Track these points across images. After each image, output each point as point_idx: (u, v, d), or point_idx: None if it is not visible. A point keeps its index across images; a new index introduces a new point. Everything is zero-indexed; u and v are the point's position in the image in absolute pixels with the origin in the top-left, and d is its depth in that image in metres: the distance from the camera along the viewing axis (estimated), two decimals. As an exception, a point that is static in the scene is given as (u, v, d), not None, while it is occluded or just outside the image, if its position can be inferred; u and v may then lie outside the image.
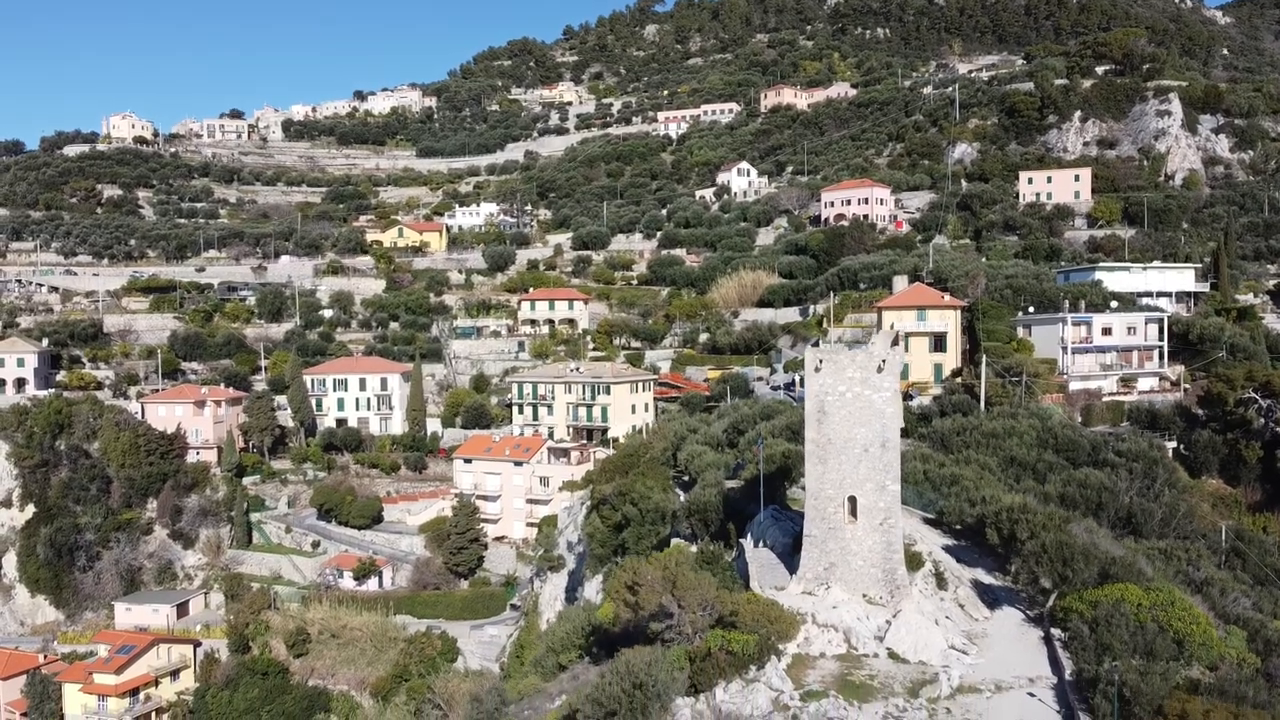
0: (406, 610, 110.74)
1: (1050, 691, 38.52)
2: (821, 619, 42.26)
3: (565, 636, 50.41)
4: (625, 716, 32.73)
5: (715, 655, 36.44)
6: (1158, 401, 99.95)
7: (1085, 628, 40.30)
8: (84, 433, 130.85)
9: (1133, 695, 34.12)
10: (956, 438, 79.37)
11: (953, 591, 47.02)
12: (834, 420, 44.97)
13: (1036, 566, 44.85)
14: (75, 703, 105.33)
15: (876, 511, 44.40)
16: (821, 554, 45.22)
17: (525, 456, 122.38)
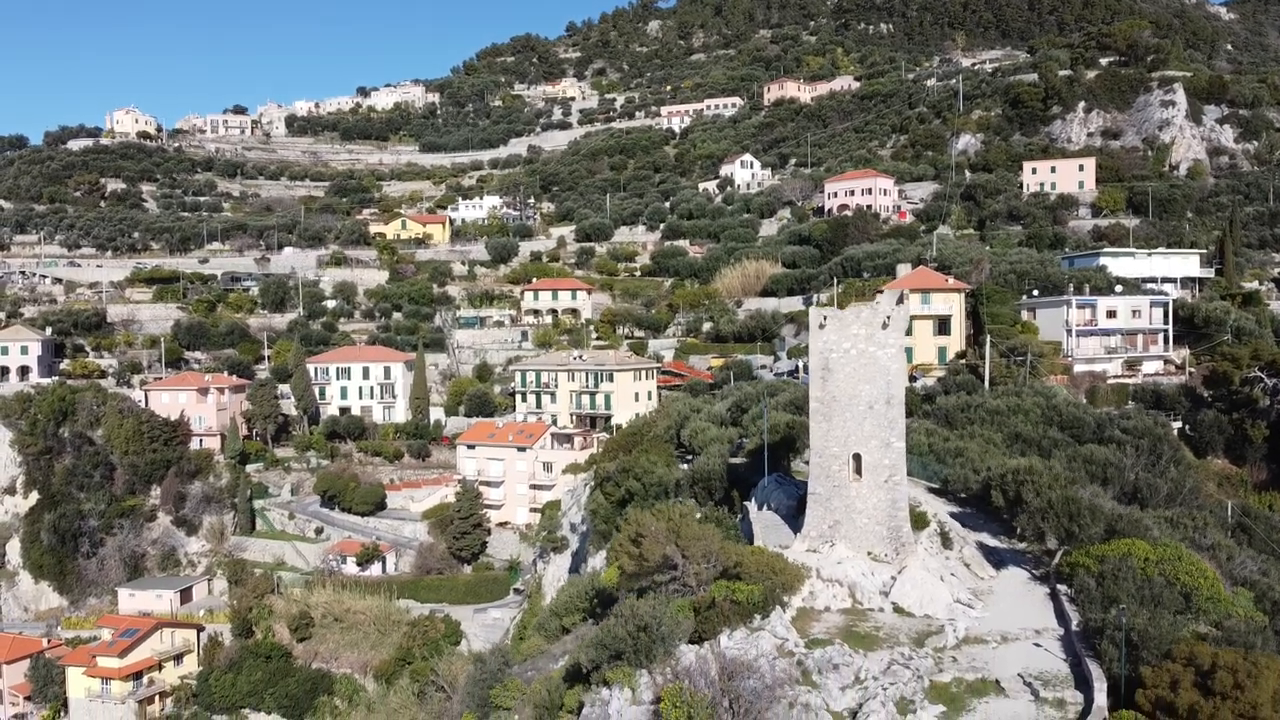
0: (409, 595, 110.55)
1: (1057, 642, 38.30)
2: (826, 574, 42.06)
3: (569, 600, 50.20)
4: (630, 659, 32.48)
5: (720, 605, 36.22)
6: (1163, 383, 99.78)
7: (1092, 581, 40.11)
8: (87, 420, 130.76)
9: (1140, 640, 33.87)
10: (961, 414, 79.15)
11: (958, 551, 46.80)
12: (838, 377, 44.78)
13: (1042, 522, 44.60)
14: (79, 686, 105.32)
15: (881, 469, 44.21)
16: (826, 512, 45.02)
17: (528, 442, 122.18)
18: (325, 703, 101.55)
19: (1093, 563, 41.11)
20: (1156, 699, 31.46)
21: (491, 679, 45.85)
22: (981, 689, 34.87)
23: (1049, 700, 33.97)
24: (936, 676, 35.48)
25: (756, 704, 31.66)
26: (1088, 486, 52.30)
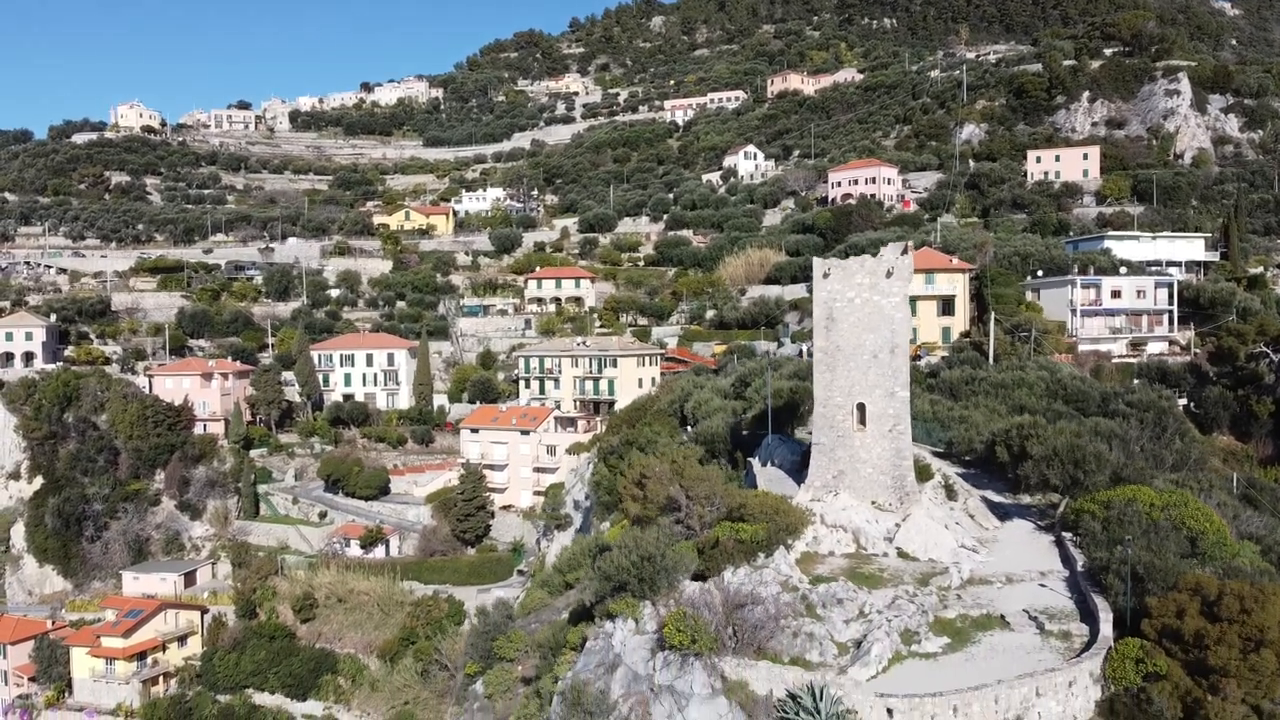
0: (413, 576, 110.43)
1: (1062, 583, 38.16)
2: (830, 519, 41.93)
3: (572, 557, 50.09)
4: (634, 590, 32.38)
5: (723, 544, 36.09)
6: (1168, 362, 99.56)
7: (1097, 525, 39.93)
8: (92, 405, 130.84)
9: (1146, 573, 33.72)
10: (965, 386, 79.11)
11: (962, 503, 46.64)
12: (842, 327, 44.67)
13: (1047, 469, 44.44)
14: (83, 666, 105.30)
15: (885, 418, 44.08)
16: (830, 462, 44.89)
17: (532, 426, 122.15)
18: (329, 682, 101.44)
19: (1098, 508, 40.93)
20: (1162, 627, 31.34)
21: (494, 630, 45.75)
22: (986, 624, 34.74)
23: (1054, 633, 33.83)
24: (941, 613, 35.35)
25: (760, 633, 31.55)
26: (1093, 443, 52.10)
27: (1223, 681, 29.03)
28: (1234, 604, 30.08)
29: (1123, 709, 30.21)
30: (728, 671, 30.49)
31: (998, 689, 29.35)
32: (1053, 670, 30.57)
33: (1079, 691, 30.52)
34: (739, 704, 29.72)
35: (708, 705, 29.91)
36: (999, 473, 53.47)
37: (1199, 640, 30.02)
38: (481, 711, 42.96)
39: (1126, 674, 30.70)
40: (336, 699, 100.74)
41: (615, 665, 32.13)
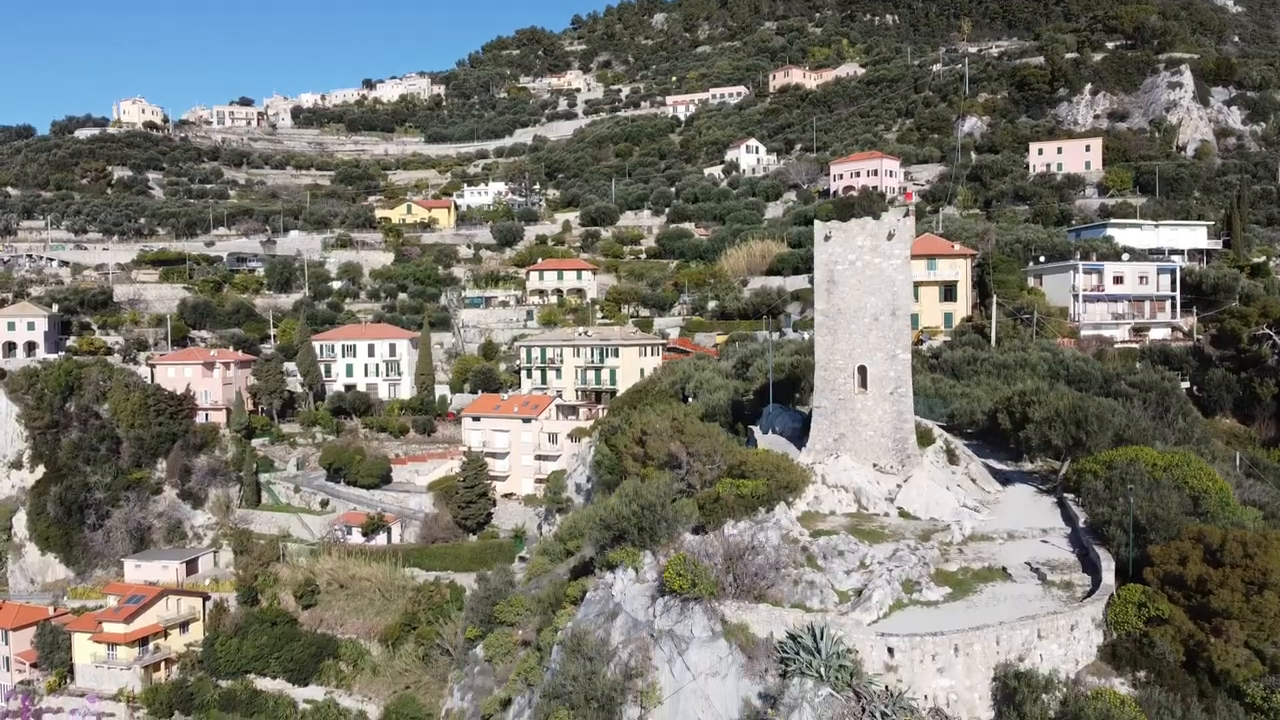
0: (415, 563, 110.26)
1: (1064, 539, 38.04)
2: (832, 480, 41.82)
3: (574, 525, 49.93)
4: (634, 539, 32.27)
5: (724, 499, 35.99)
6: (1171, 346, 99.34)
7: (1100, 484, 39.72)
8: (94, 394, 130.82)
9: (1148, 522, 33.57)
10: (966, 366, 78.85)
11: (964, 467, 46.50)
12: (843, 289, 44.55)
13: (1049, 430, 44.25)
14: (85, 652, 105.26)
15: (887, 381, 43.96)
16: (831, 425, 44.76)
17: (534, 413, 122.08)
18: (330, 666, 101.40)
19: (1100, 468, 40.76)
20: (1165, 574, 31.21)
21: (495, 596, 45.66)
22: (988, 575, 34.63)
23: (1056, 583, 33.71)
24: (943, 565, 35.24)
25: (760, 581, 31.45)
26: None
27: (1226, 624, 28.88)
28: (1237, 549, 29.95)
29: (1125, 653, 30.09)
30: (728, 615, 30.39)
31: (999, 630, 29.23)
32: (1054, 613, 30.47)
33: (1081, 636, 30.39)
34: (739, 646, 29.63)
35: (708, 648, 29.82)
36: (1001, 444, 53.37)
37: (1201, 585, 29.88)
38: (482, 675, 42.88)
39: (1129, 618, 30.56)
40: (338, 683, 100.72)
41: (615, 613, 32.05)
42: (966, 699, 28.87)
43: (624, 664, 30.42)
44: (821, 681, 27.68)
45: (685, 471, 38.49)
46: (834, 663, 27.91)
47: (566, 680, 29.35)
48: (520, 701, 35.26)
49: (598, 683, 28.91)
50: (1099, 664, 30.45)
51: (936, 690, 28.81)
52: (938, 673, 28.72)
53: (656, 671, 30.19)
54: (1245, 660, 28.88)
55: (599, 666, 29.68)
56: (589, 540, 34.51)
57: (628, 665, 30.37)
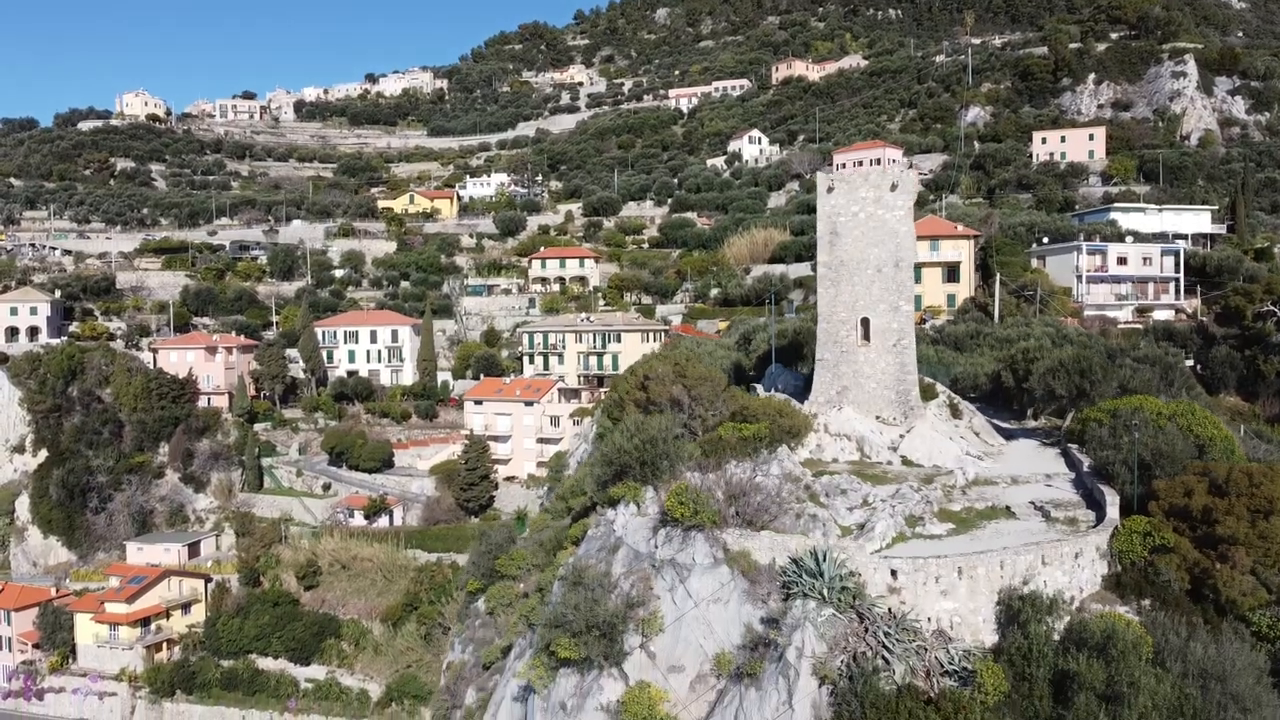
0: (417, 544, 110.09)
1: (1068, 483, 37.84)
2: (834, 429, 41.64)
3: (576, 484, 49.76)
4: (636, 474, 32.10)
5: (727, 440, 35.80)
6: (1175, 324, 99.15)
7: (1104, 431, 39.49)
8: (96, 379, 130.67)
9: (1153, 459, 33.36)
10: (970, 340, 78.56)
11: (967, 421, 46.30)
12: (846, 241, 44.38)
13: (1053, 380, 44.03)
14: (87, 632, 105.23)
15: (890, 333, 43.77)
16: (834, 378, 44.57)
17: (536, 397, 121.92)
18: (332, 646, 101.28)
19: (1105, 416, 40.53)
20: (1170, 507, 31.01)
21: (497, 550, 45.49)
22: (991, 514, 34.45)
23: (1060, 519, 33.52)
24: (946, 505, 35.05)
25: (762, 515, 31.28)
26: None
27: (1232, 550, 28.67)
28: (1243, 480, 29.75)
29: (1130, 582, 29.89)
30: (729, 543, 30.21)
31: (1003, 554, 29.04)
32: (1059, 540, 30.27)
33: (1085, 564, 30.19)
34: (741, 572, 29.45)
35: (709, 575, 29.65)
36: (1004, 405, 53.24)
37: (1207, 515, 29.68)
38: (483, 627, 42.73)
39: (1134, 547, 30.36)
40: (340, 663, 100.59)
41: (617, 547, 31.88)
42: (970, 622, 28.70)
43: (625, 594, 30.27)
44: (824, 603, 27.51)
45: (688, 416, 38.28)
46: (836, 585, 27.73)
47: (568, 610, 29.21)
48: (521, 643, 35.12)
49: (599, 610, 28.77)
50: (1103, 593, 30.25)
51: (940, 612, 28.65)
52: (941, 595, 28.54)
53: (658, 600, 30.04)
54: (1251, 589, 28.67)
55: (600, 596, 29.53)
56: (591, 480, 34.35)
57: (629, 595, 30.22)
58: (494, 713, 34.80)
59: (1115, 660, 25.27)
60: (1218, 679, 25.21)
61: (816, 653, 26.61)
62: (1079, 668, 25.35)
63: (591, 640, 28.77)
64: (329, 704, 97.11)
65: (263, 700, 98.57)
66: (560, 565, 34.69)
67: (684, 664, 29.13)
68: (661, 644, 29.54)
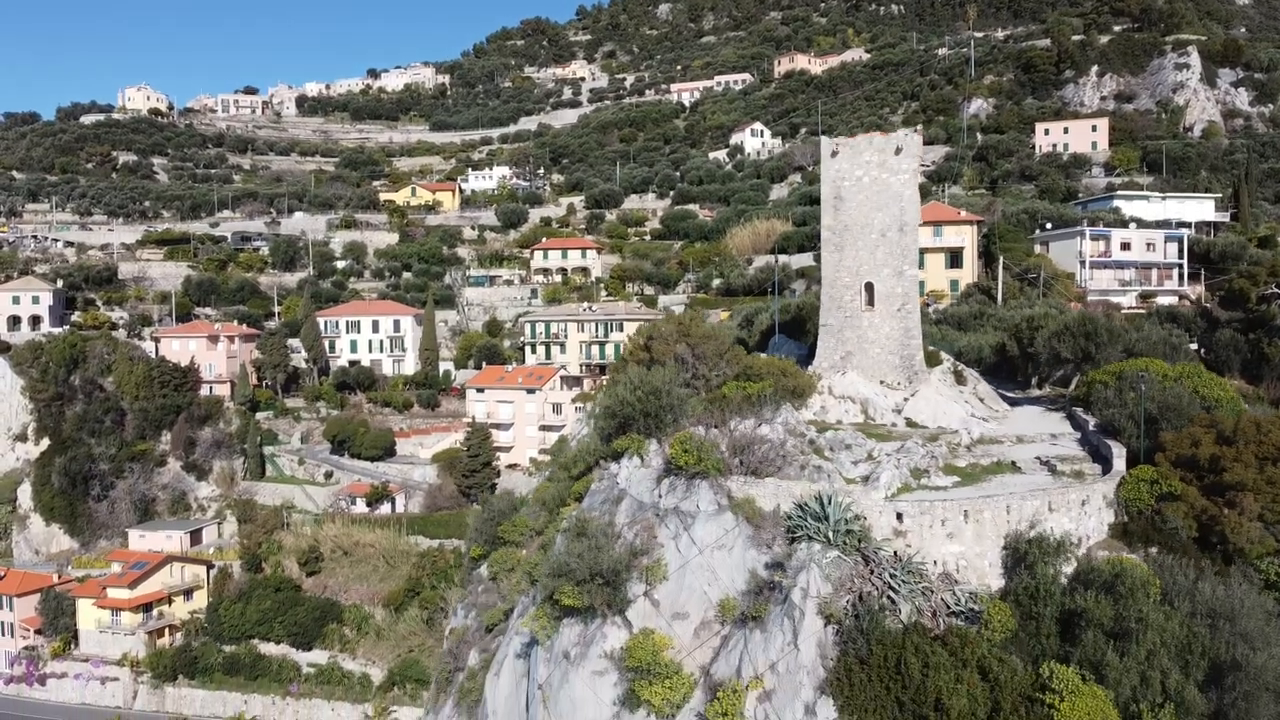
0: (419, 531, 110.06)
1: (1074, 441, 37.69)
2: (839, 391, 41.48)
3: (579, 455, 49.49)
4: (639, 426, 31.92)
5: (731, 398, 35.63)
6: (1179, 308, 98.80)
7: (1110, 393, 39.28)
8: (98, 367, 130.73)
9: (1160, 413, 33.16)
10: (973, 321, 78.38)
11: (971, 388, 46.10)
12: (850, 205, 44.20)
13: (1059, 343, 43.82)
14: (89, 617, 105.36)
15: (894, 297, 43.59)
16: (838, 343, 44.40)
17: (538, 384, 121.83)
18: (334, 631, 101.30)
19: (1110, 378, 40.33)
20: (1177, 457, 30.83)
21: (500, 517, 45.35)
22: (997, 469, 34.28)
23: (1066, 473, 33.33)
24: (951, 461, 34.86)
25: (767, 466, 31.11)
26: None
27: (1240, 496, 28.49)
28: (1250, 428, 29.59)
29: (1137, 530, 29.71)
30: (734, 490, 30.04)
31: (1009, 499, 28.88)
32: (1065, 487, 30.09)
33: (1092, 512, 30.00)
34: (745, 518, 29.28)
35: (714, 521, 29.48)
36: (1008, 377, 53.05)
37: (1215, 464, 29.49)
38: (486, 593, 42.57)
39: (1141, 495, 30.18)
40: (342, 648, 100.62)
41: (620, 498, 31.72)
42: (977, 566, 28.52)
43: (629, 544, 30.10)
44: (829, 545, 27.35)
45: (691, 376, 38.10)
46: (841, 528, 27.55)
47: (571, 559, 29.04)
48: (524, 601, 34.96)
49: (603, 558, 28.60)
50: (1110, 541, 30.06)
51: (946, 556, 28.47)
52: (947, 538, 28.36)
53: (662, 549, 29.86)
54: (1259, 537, 28.48)
55: (604, 544, 29.36)
56: (594, 432, 34.19)
57: (632, 545, 30.04)
58: (496, 671, 34.62)
59: (1123, 598, 25.12)
60: (1227, 618, 25.04)
61: (822, 593, 26.44)
62: (1087, 604, 25.17)
63: (595, 588, 28.60)
64: (331, 688, 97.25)
65: (265, 685, 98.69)
66: (563, 519, 34.54)
67: (688, 611, 28.96)
68: (665, 591, 29.36)
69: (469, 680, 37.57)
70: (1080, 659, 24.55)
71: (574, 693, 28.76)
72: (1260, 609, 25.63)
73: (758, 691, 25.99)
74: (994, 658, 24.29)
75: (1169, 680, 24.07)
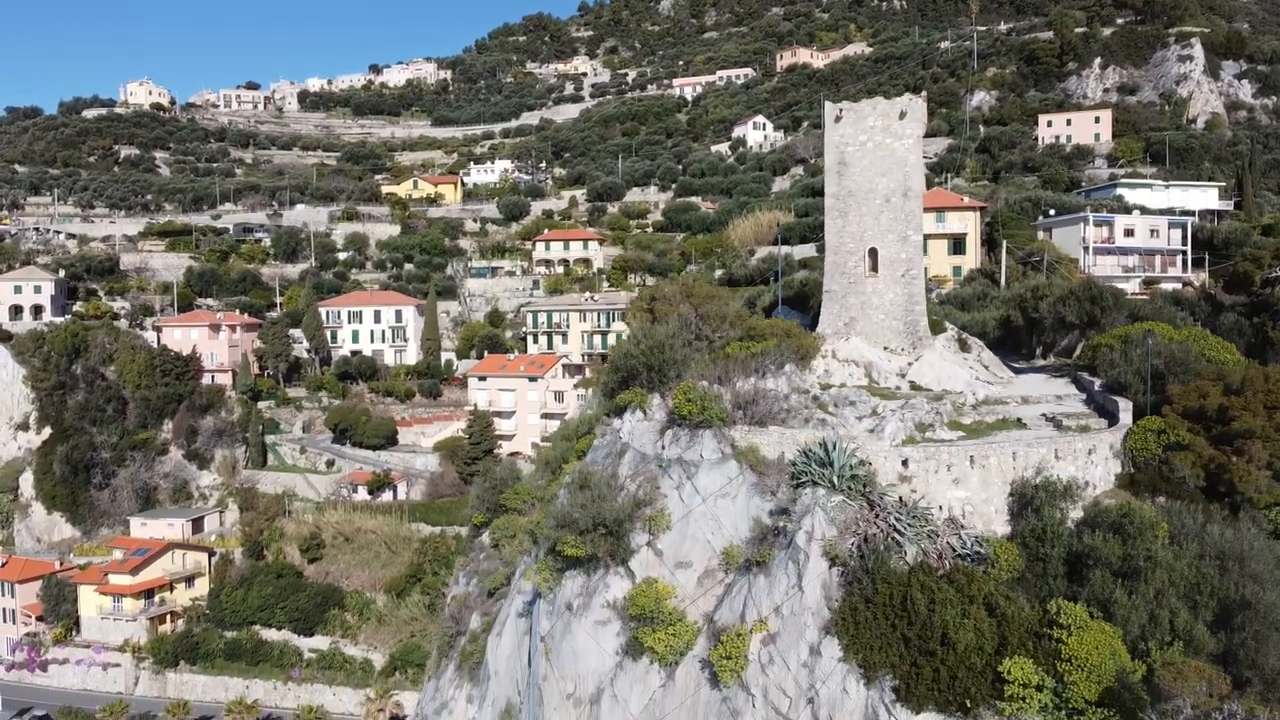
0: (420, 518, 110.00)
1: (1080, 402, 37.42)
2: (842, 355, 41.25)
3: (579, 424, 49.34)
4: (643, 379, 31.70)
5: (735, 355, 35.40)
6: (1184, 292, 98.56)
7: (1116, 355, 39.02)
8: (100, 356, 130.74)
9: (1167, 367, 32.91)
10: (976, 301, 78.07)
11: (976, 355, 45.85)
12: (854, 171, 43.97)
13: (1064, 308, 43.58)
14: (90, 604, 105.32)
15: (898, 263, 43.35)
16: (841, 309, 44.16)
17: (540, 372, 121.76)
18: (335, 616, 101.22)
19: (1116, 341, 40.07)
20: (1184, 409, 30.58)
21: (501, 485, 45.15)
22: (1002, 425, 34.03)
23: (1071, 428, 33.07)
24: (956, 418, 34.61)
25: (770, 421, 30.86)
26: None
27: (1248, 444, 28.24)
28: (1259, 378, 29.36)
29: (1144, 480, 29.46)
30: (738, 439, 29.83)
31: (1015, 445, 28.66)
32: (1072, 436, 29.84)
33: (1099, 461, 29.76)
34: (749, 466, 29.07)
35: (717, 470, 29.26)
36: (1012, 350, 52.79)
37: (1223, 414, 29.25)
38: (487, 559, 42.36)
39: (1148, 445, 29.93)
40: (343, 633, 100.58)
41: (623, 451, 31.51)
42: (983, 511, 28.31)
43: (632, 496, 29.89)
44: (834, 490, 27.12)
45: (694, 337, 37.86)
46: (847, 473, 27.33)
47: (574, 509, 28.82)
48: (526, 561, 34.75)
49: (606, 508, 28.39)
50: (1116, 490, 29.82)
51: (951, 501, 28.24)
52: (953, 484, 28.13)
53: (665, 499, 29.64)
54: (1267, 486, 28.24)
55: (607, 494, 29.16)
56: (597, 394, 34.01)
57: (635, 496, 29.84)
58: (499, 631, 34.41)
59: (1132, 537, 24.88)
60: (1236, 559, 24.80)
61: (826, 536, 26.21)
62: (1095, 543, 24.93)
63: (598, 538, 28.39)
64: (333, 673, 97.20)
65: (266, 670, 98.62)
66: (566, 475, 34.34)
67: (691, 560, 28.74)
68: (669, 541, 29.14)
69: (470, 643, 37.37)
70: (1088, 598, 24.33)
71: (576, 643, 28.55)
72: (1270, 552, 25.38)
73: (762, 634, 25.78)
74: (1000, 595, 24.04)
75: (1178, 619, 23.84)
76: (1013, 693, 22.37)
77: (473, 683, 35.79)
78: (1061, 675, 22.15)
